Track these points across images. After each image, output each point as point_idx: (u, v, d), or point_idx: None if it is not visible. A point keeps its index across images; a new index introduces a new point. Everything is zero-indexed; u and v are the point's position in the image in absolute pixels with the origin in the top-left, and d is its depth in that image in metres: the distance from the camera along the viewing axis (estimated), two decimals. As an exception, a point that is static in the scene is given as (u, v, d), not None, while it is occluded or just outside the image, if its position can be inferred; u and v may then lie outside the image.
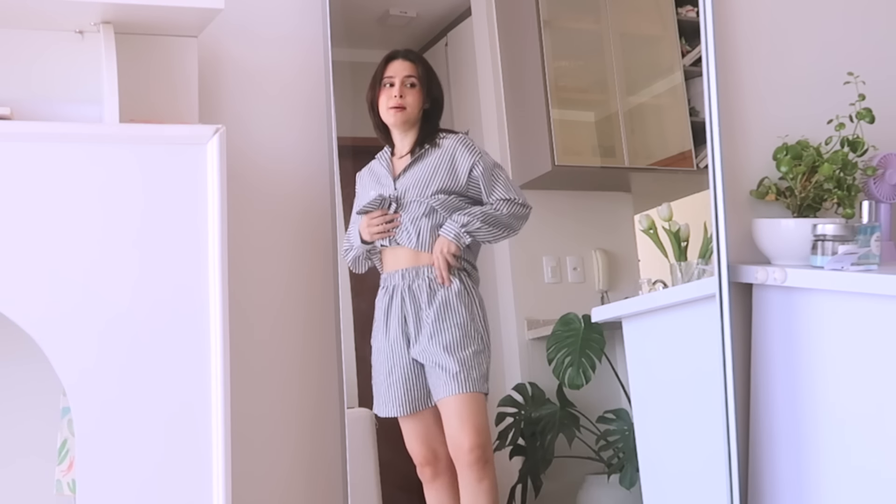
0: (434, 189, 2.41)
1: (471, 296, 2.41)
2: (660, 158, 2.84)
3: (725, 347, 2.52)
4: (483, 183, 2.43)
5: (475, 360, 2.36)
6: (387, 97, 2.44)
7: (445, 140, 2.45)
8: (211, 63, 2.43)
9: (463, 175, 2.43)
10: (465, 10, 2.66)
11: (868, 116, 2.56)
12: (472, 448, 2.32)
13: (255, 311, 2.47)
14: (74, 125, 2.09)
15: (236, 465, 2.15)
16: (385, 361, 2.41)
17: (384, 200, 2.42)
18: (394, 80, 2.43)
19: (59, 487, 2.21)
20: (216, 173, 2.05)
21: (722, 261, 2.54)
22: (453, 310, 2.38)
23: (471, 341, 2.37)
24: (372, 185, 2.46)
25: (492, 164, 2.46)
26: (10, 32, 2.24)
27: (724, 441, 2.52)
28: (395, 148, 2.48)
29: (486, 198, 2.43)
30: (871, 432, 2.32)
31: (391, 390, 2.40)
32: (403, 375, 2.40)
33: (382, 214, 2.42)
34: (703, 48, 2.60)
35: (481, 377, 2.36)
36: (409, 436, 2.42)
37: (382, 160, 2.48)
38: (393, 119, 2.44)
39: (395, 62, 2.45)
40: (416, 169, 2.43)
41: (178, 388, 2.04)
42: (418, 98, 2.44)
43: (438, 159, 2.43)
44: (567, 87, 2.79)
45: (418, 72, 2.45)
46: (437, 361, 2.35)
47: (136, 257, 2.03)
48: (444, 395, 2.34)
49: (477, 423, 2.33)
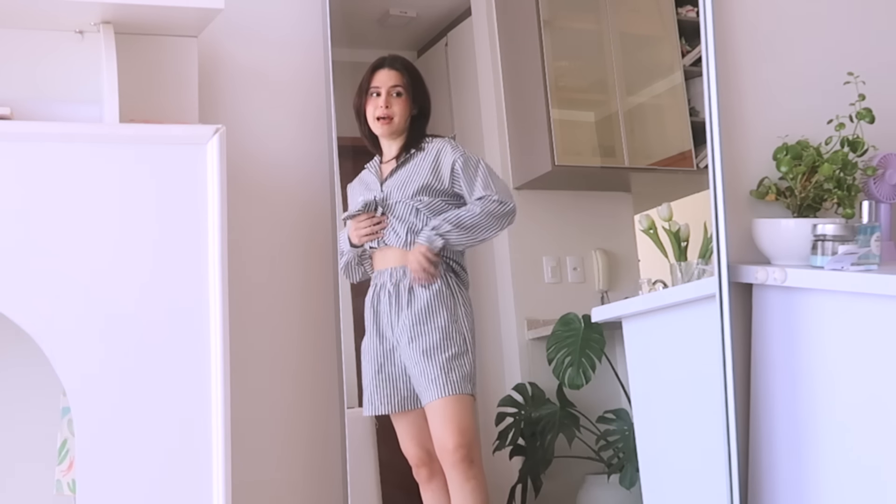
0: (416, 188, 2.40)
1: (455, 297, 2.40)
2: (660, 158, 2.84)
3: (725, 347, 2.52)
4: (463, 180, 2.41)
5: (456, 363, 2.35)
6: (373, 107, 2.43)
7: (431, 144, 2.45)
8: (211, 63, 2.43)
9: (446, 173, 2.42)
10: (465, 10, 2.66)
11: (868, 116, 2.56)
12: (456, 448, 2.31)
13: (255, 311, 2.47)
14: (74, 125, 2.10)
15: (236, 466, 2.15)
16: (374, 360, 2.42)
17: (369, 204, 2.42)
18: (380, 89, 2.43)
19: (59, 487, 2.21)
20: (216, 173, 2.05)
21: (722, 261, 2.54)
22: (433, 312, 2.37)
23: (451, 343, 2.36)
24: (361, 192, 2.47)
25: (475, 160, 2.42)
26: (10, 32, 2.24)
27: (723, 441, 2.52)
28: (382, 155, 2.49)
29: (467, 195, 2.41)
30: (870, 432, 2.32)
31: (378, 389, 2.40)
32: (390, 375, 2.40)
33: (369, 217, 2.42)
34: (703, 48, 2.59)
35: (463, 379, 2.34)
36: (402, 436, 2.43)
37: (371, 168, 2.49)
38: (381, 130, 2.44)
39: (380, 71, 2.44)
40: (402, 172, 2.43)
41: (179, 389, 2.04)
42: (405, 107, 2.44)
43: (423, 161, 2.43)
44: (567, 87, 2.79)
45: (404, 81, 2.44)
46: (418, 366, 2.35)
47: (135, 257, 2.03)
48: (427, 399, 2.34)
49: (460, 424, 2.32)
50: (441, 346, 2.35)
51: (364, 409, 2.42)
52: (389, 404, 2.40)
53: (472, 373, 2.36)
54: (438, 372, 2.33)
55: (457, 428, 2.32)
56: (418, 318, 2.36)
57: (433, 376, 2.33)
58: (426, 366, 2.34)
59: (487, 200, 2.38)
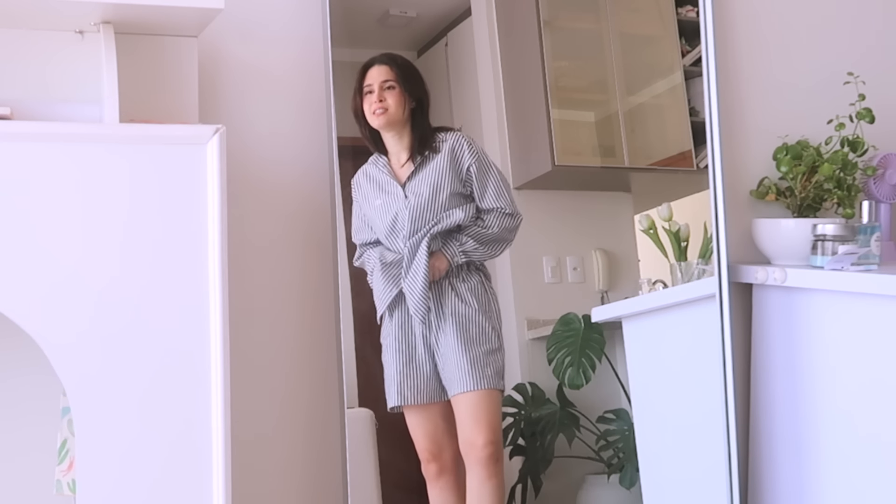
0: (445, 198, 2.41)
1: (488, 294, 2.43)
2: (660, 158, 2.84)
3: (725, 347, 2.52)
4: (476, 184, 2.44)
5: (490, 357, 2.38)
6: (368, 104, 2.44)
7: (445, 142, 2.45)
8: (211, 63, 2.43)
9: (464, 174, 2.44)
10: (465, 10, 2.66)
11: (868, 116, 2.56)
12: (486, 444, 2.32)
13: (255, 311, 2.47)
14: (74, 125, 2.10)
15: (236, 466, 2.15)
16: (400, 351, 2.41)
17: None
18: (372, 86, 2.43)
19: (59, 487, 2.21)
20: (216, 173, 2.05)
21: (722, 261, 2.54)
22: (471, 307, 2.40)
23: (487, 338, 2.39)
24: (376, 194, 2.46)
25: (487, 164, 2.46)
26: (10, 32, 2.24)
27: (724, 441, 2.52)
28: (389, 155, 2.48)
29: (478, 200, 2.44)
30: (870, 432, 2.32)
31: (408, 380, 2.40)
32: (420, 366, 2.40)
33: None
34: (703, 48, 2.59)
35: (496, 374, 2.37)
36: (415, 429, 2.42)
37: (380, 166, 2.47)
38: (378, 122, 2.44)
39: (371, 69, 2.45)
40: (423, 176, 2.43)
41: (179, 388, 2.04)
42: (399, 99, 2.43)
43: (442, 163, 2.43)
44: (567, 87, 2.79)
45: (394, 74, 2.44)
46: (453, 357, 2.36)
47: (136, 257, 2.03)
48: (458, 391, 2.35)
49: (491, 421, 2.35)
50: (478, 339, 2.38)
51: (389, 400, 2.41)
52: (419, 395, 2.39)
53: (503, 369, 2.40)
54: (472, 365, 2.35)
55: (488, 424, 2.34)
56: (456, 310, 2.39)
57: (467, 368, 2.35)
58: (462, 357, 2.35)
59: (501, 214, 2.44)
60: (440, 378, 2.40)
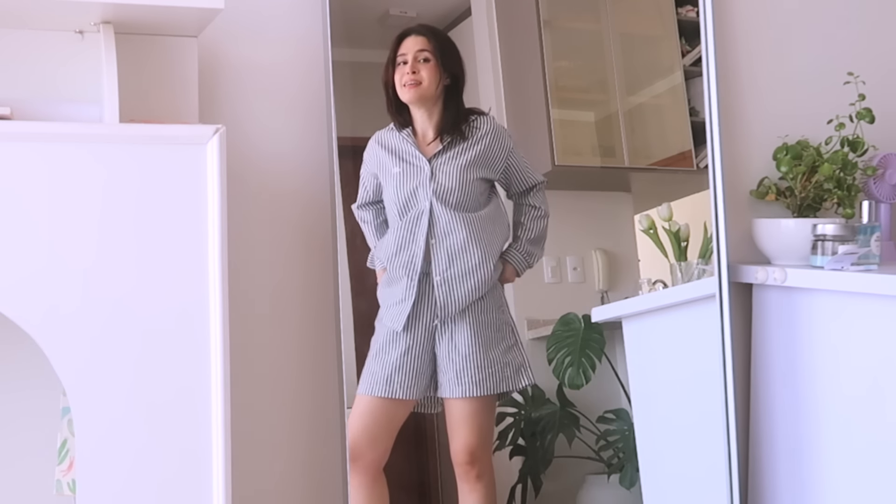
0: (473, 180, 2.36)
1: (497, 287, 2.43)
2: (660, 158, 2.84)
3: (725, 347, 2.52)
4: (514, 169, 2.43)
5: (509, 355, 2.38)
6: (400, 75, 2.36)
7: (478, 129, 2.40)
8: (211, 63, 2.43)
9: (498, 168, 2.42)
10: (465, 10, 2.66)
11: (868, 116, 2.56)
12: (473, 449, 2.33)
13: (255, 311, 2.47)
14: (74, 125, 2.10)
15: (236, 466, 2.15)
16: (402, 342, 2.37)
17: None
18: (406, 56, 2.36)
19: (59, 487, 2.21)
20: (216, 173, 2.05)
21: (722, 261, 2.54)
22: (485, 302, 2.39)
23: (502, 336, 2.39)
24: (394, 162, 2.38)
25: (517, 158, 2.45)
26: (10, 32, 2.24)
27: (724, 441, 2.52)
28: (415, 130, 2.40)
29: (517, 183, 2.43)
30: (871, 432, 2.32)
31: (400, 371, 2.35)
32: (417, 361, 2.37)
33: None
34: (703, 48, 2.60)
35: (516, 372, 2.39)
36: (365, 421, 2.34)
37: (404, 135, 2.39)
38: (408, 95, 2.35)
39: (407, 39, 2.37)
40: (451, 156, 2.37)
41: (179, 388, 2.04)
42: (434, 73, 2.35)
43: (477, 146, 2.38)
44: (567, 87, 2.79)
45: (431, 45, 2.36)
46: (469, 358, 2.36)
47: (136, 257, 2.03)
48: (461, 394, 2.35)
49: (481, 424, 2.36)
50: (495, 339, 2.38)
51: (369, 388, 2.35)
52: (409, 390, 2.35)
53: (527, 361, 2.42)
54: (482, 368, 2.35)
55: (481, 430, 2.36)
56: (475, 308, 2.38)
57: (477, 374, 2.34)
58: (482, 358, 2.35)
59: (540, 213, 2.46)
60: (434, 375, 2.39)
